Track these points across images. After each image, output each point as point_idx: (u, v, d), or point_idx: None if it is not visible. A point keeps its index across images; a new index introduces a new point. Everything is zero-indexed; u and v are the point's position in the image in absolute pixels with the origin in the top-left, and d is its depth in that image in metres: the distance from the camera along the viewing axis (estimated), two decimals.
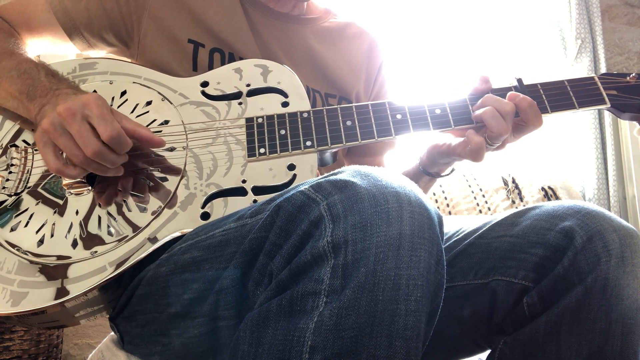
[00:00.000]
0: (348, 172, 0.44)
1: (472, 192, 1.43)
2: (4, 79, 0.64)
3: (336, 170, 0.46)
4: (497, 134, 0.62)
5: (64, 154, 0.57)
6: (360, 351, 0.37)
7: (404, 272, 0.39)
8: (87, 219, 0.60)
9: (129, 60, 0.76)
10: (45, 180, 0.63)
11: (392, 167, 0.86)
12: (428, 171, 0.75)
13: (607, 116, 1.62)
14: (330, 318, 0.38)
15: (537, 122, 0.63)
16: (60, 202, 0.62)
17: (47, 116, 0.57)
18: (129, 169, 0.63)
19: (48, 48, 0.76)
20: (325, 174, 0.46)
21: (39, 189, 0.63)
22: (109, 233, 0.59)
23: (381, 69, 0.88)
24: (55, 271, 0.57)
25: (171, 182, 0.62)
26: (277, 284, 0.42)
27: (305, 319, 0.38)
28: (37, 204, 0.62)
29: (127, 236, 0.59)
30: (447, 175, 0.76)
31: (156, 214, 0.60)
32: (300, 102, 0.67)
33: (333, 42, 0.83)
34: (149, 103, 0.68)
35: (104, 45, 0.75)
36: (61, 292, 0.56)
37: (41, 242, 0.59)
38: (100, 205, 0.61)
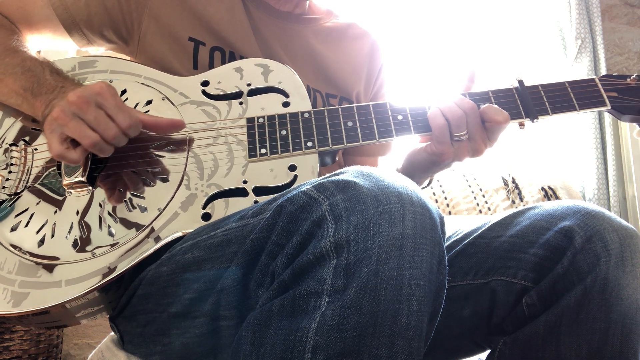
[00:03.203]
0: (350, 173, 0.44)
1: (472, 192, 1.43)
2: (7, 75, 0.64)
3: (338, 171, 0.46)
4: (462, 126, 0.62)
5: (68, 140, 0.58)
6: (363, 351, 0.37)
7: (406, 272, 0.39)
8: (87, 219, 0.60)
9: (129, 57, 0.76)
10: (46, 172, 0.63)
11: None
12: None
13: (607, 116, 1.62)
14: (333, 318, 0.38)
15: (500, 117, 0.62)
16: (61, 201, 0.62)
17: (57, 105, 0.58)
18: (130, 168, 0.63)
19: (47, 44, 0.76)
20: (327, 174, 0.46)
21: (38, 185, 0.63)
22: (110, 233, 0.59)
23: (381, 71, 0.88)
24: (55, 272, 0.57)
25: (172, 183, 0.62)
26: (279, 284, 0.43)
27: (308, 319, 0.39)
28: (37, 203, 0.62)
29: (128, 237, 0.59)
30: (424, 187, 0.77)
31: (157, 214, 0.60)
32: (301, 102, 0.67)
33: (334, 42, 0.83)
34: (149, 102, 0.68)
35: (104, 42, 0.75)
36: (62, 292, 0.56)
37: (42, 242, 0.59)
38: (100, 206, 0.61)
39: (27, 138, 0.67)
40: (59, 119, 0.57)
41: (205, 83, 0.69)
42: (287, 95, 0.67)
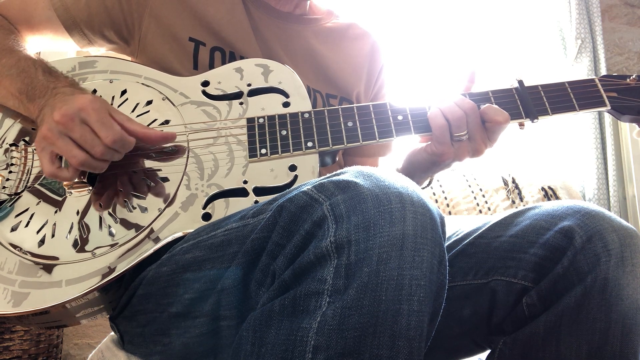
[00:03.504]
0: (351, 173, 0.44)
1: (472, 192, 1.43)
2: (4, 77, 0.64)
3: (339, 171, 0.47)
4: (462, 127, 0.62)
5: (61, 158, 0.58)
6: (363, 351, 0.37)
7: (407, 272, 0.39)
8: (88, 219, 0.60)
9: (129, 58, 0.76)
10: (44, 176, 0.63)
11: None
12: None
13: (607, 116, 1.62)
14: (334, 318, 0.38)
15: (500, 117, 0.62)
16: (61, 201, 0.62)
17: (45, 122, 0.58)
18: (130, 169, 0.63)
19: (48, 44, 0.76)
20: (328, 175, 0.46)
21: (38, 186, 0.63)
22: (110, 234, 0.59)
23: (382, 71, 0.88)
24: (56, 272, 0.57)
25: (172, 183, 0.62)
26: (280, 284, 0.43)
27: (309, 319, 0.39)
28: (37, 203, 0.62)
29: (128, 237, 0.59)
30: (424, 188, 0.77)
31: (157, 214, 0.60)
32: (301, 102, 0.67)
33: (335, 43, 0.83)
34: (149, 102, 0.68)
35: (104, 42, 0.75)
36: (62, 292, 0.56)
37: (42, 242, 0.59)
38: (101, 206, 0.61)
39: (27, 138, 0.67)
40: (47, 138, 0.57)
41: (205, 83, 0.69)
42: (287, 96, 0.67)
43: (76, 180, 0.60)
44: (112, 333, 0.69)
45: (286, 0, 0.79)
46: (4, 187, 0.63)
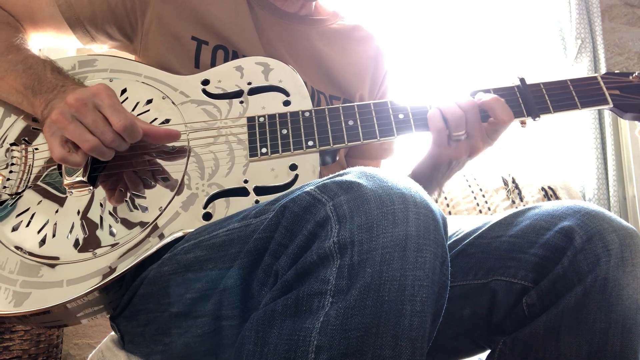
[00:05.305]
0: (354, 173, 0.44)
1: (472, 192, 1.43)
2: (9, 72, 0.64)
3: (342, 172, 0.47)
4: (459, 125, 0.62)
5: (69, 143, 0.57)
6: (366, 351, 0.37)
7: (410, 272, 0.39)
8: (89, 219, 0.60)
9: (132, 56, 0.76)
10: (46, 172, 0.63)
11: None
12: None
13: (607, 116, 1.62)
14: (337, 318, 0.38)
15: (506, 116, 0.63)
16: (62, 200, 0.62)
17: (56, 107, 0.57)
18: (131, 168, 0.63)
19: (51, 41, 0.76)
20: (331, 175, 0.46)
21: (40, 183, 0.63)
22: (111, 233, 0.59)
23: (386, 77, 0.88)
24: (57, 271, 0.57)
25: (173, 182, 0.62)
26: (283, 284, 0.43)
27: (311, 319, 0.39)
28: (38, 203, 0.62)
29: (128, 236, 0.59)
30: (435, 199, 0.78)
31: (158, 214, 0.60)
32: (302, 101, 0.67)
33: (339, 44, 0.83)
34: (149, 101, 0.67)
35: (107, 39, 0.75)
36: (63, 292, 0.56)
37: (43, 242, 0.59)
38: (101, 205, 0.61)
39: (27, 138, 0.67)
40: (58, 122, 0.56)
41: (205, 82, 0.69)
42: (287, 94, 0.67)
43: (76, 180, 0.60)
44: (112, 333, 0.69)
45: (292, 0, 0.79)
46: (4, 187, 0.63)
